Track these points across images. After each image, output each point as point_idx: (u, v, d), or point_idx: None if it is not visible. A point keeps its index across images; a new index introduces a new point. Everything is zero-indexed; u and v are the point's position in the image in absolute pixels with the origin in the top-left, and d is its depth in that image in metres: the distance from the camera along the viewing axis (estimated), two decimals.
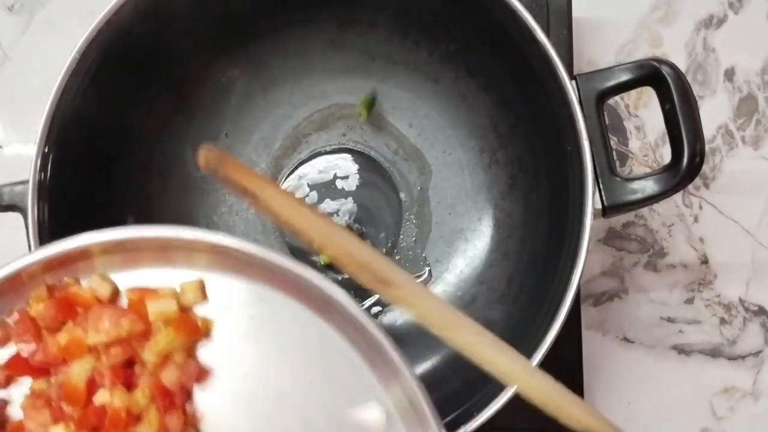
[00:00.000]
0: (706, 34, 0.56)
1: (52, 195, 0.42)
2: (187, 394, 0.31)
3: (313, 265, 0.51)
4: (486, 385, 0.41)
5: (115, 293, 0.32)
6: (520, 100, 0.46)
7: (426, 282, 0.50)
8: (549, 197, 0.46)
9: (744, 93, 0.55)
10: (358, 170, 0.51)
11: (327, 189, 0.51)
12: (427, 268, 0.50)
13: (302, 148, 0.52)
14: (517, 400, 0.38)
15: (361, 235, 0.51)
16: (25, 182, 0.41)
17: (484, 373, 0.30)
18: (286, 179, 0.52)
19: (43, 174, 0.41)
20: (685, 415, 0.52)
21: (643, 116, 0.55)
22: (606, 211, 0.40)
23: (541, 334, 0.39)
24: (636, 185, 0.39)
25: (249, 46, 0.50)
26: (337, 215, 0.51)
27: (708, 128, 0.54)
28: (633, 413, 0.52)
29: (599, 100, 0.40)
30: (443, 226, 0.51)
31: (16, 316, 0.32)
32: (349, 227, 0.51)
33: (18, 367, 0.32)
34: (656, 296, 0.53)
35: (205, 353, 0.32)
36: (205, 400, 0.31)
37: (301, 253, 0.51)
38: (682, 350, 0.53)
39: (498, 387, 0.39)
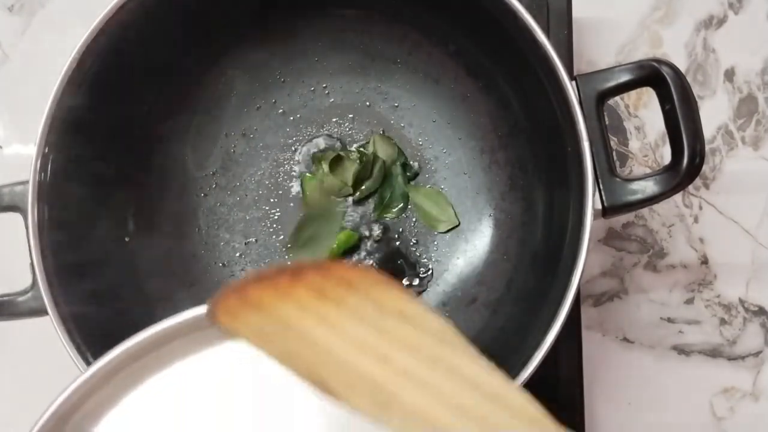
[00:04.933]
0: (706, 35, 0.56)
1: (52, 195, 0.42)
2: None
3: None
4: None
5: None
6: (520, 100, 0.46)
7: (427, 282, 0.50)
8: (549, 198, 0.46)
9: (744, 93, 0.55)
10: None
11: None
12: (426, 269, 0.50)
13: (302, 149, 0.52)
14: None
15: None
16: (25, 182, 0.41)
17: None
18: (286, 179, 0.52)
19: (43, 174, 0.41)
20: (685, 415, 0.52)
21: (643, 116, 0.55)
22: (606, 211, 0.40)
23: (541, 334, 0.39)
24: (636, 186, 0.39)
25: (249, 46, 0.51)
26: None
27: (708, 128, 0.54)
28: (633, 413, 0.52)
29: (599, 100, 0.40)
30: None
31: None
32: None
33: None
34: (656, 296, 0.53)
35: None
36: None
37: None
38: (682, 350, 0.53)
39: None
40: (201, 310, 0.29)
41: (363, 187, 0.50)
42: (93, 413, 0.30)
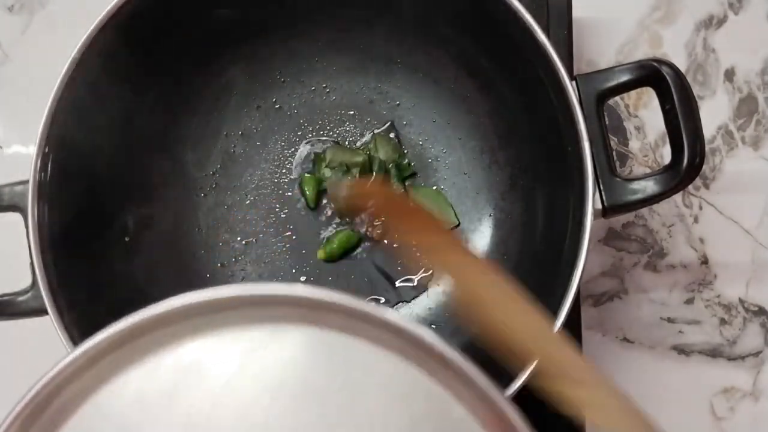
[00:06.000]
0: (706, 34, 0.56)
1: (52, 195, 0.42)
2: None
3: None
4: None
5: None
6: (520, 100, 0.46)
7: (427, 282, 0.50)
8: (549, 198, 0.46)
9: (744, 93, 0.55)
10: None
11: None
12: (426, 269, 0.50)
13: (302, 149, 0.52)
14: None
15: None
16: (25, 182, 0.41)
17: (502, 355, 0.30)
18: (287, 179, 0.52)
19: (43, 174, 0.41)
20: (685, 415, 0.52)
21: (643, 116, 0.55)
22: (606, 211, 0.40)
23: None
24: (636, 186, 0.39)
25: (249, 46, 0.51)
26: None
27: (708, 128, 0.54)
28: None
29: (599, 100, 0.40)
30: None
31: None
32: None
33: None
34: (656, 296, 0.53)
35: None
36: None
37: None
38: (682, 350, 0.53)
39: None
40: (199, 295, 0.29)
41: None
42: (83, 391, 0.30)
